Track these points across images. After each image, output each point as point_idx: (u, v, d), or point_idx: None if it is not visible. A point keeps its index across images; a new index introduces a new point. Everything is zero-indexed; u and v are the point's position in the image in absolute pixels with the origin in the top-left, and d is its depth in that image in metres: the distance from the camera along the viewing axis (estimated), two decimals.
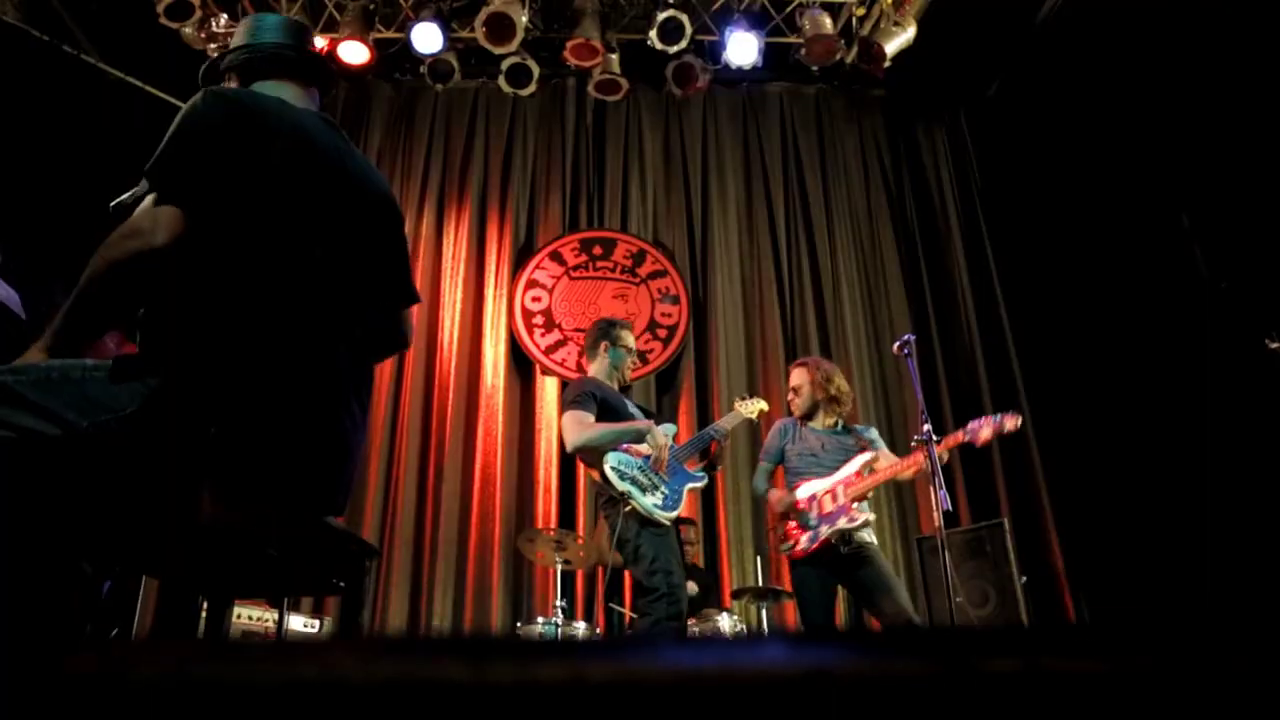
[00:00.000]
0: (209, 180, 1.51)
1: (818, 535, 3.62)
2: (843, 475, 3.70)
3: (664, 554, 3.30)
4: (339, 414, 1.59)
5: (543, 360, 6.66)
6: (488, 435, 6.35)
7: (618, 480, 3.36)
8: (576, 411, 3.49)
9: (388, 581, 5.84)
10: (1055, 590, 6.00)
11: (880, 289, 7.13)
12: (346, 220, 1.70)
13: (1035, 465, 6.34)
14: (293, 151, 1.63)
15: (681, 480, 3.54)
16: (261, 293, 1.51)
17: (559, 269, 7.00)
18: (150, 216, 1.47)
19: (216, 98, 1.61)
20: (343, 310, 1.63)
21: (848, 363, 6.74)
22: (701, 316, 7.00)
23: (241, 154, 1.55)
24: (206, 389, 1.41)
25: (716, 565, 6.16)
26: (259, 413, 1.45)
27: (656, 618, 3.18)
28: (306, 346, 1.54)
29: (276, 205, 1.57)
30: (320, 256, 1.60)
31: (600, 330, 3.96)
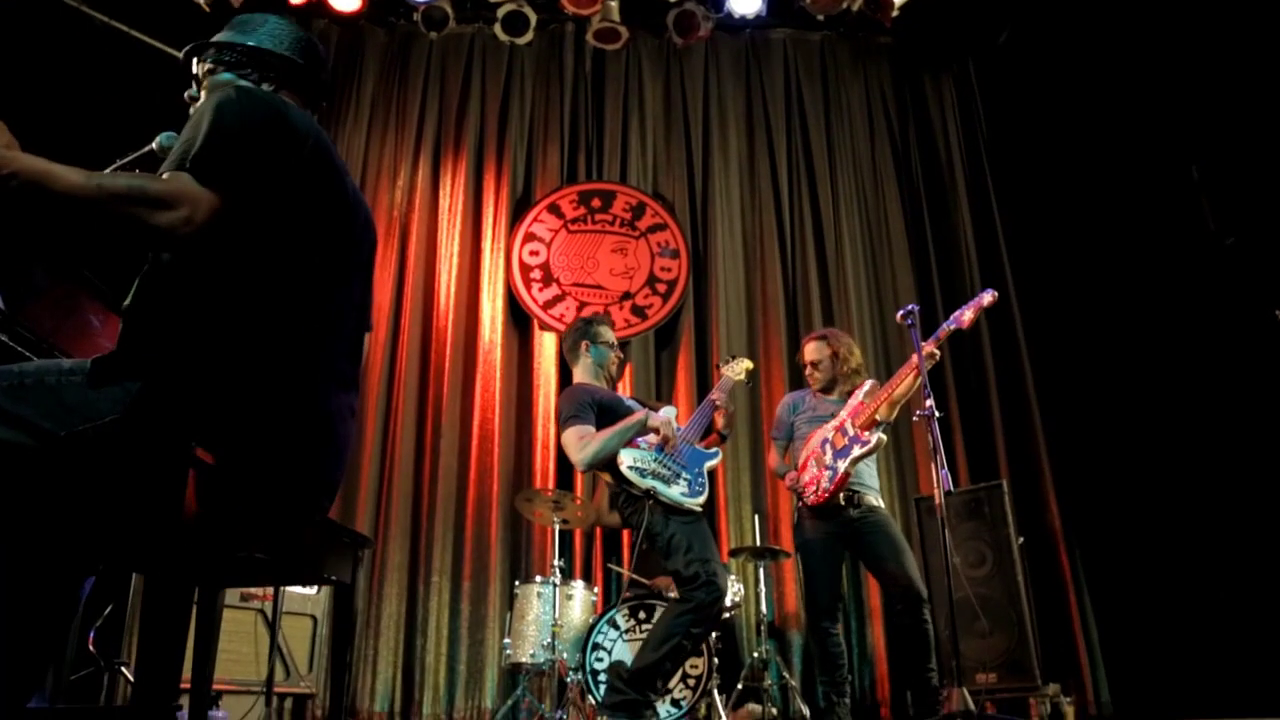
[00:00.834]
0: (244, 177, 1.45)
1: (837, 471, 3.56)
2: (847, 410, 3.66)
3: (698, 542, 3.23)
4: (332, 419, 1.54)
5: (541, 315, 6.59)
6: (485, 392, 6.31)
7: (639, 478, 3.27)
8: (576, 427, 3.39)
9: (386, 534, 5.85)
10: (1052, 550, 6.02)
11: (883, 244, 7.03)
12: (348, 238, 1.66)
13: (1036, 426, 6.32)
14: (314, 163, 1.59)
15: (699, 461, 3.46)
16: (264, 303, 1.46)
17: (557, 222, 6.89)
18: (187, 193, 1.37)
19: (252, 96, 1.55)
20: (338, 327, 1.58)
21: (849, 319, 6.68)
22: (701, 271, 6.91)
23: (273, 156, 1.50)
24: (193, 398, 1.35)
25: (714, 522, 6.17)
26: (248, 426, 1.39)
27: (698, 603, 3.12)
28: (302, 363, 1.49)
29: (294, 214, 1.53)
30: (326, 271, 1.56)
31: (578, 331, 3.83)
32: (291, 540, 1.62)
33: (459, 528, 5.97)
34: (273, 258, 1.49)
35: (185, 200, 1.37)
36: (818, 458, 3.70)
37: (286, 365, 1.47)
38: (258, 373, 1.42)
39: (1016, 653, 4.88)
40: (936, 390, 6.26)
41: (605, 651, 4.39)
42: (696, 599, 3.11)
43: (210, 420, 1.36)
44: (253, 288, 1.46)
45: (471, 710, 5.51)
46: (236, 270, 1.46)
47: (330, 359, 1.56)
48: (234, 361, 1.41)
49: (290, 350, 1.48)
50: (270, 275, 1.48)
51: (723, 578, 3.19)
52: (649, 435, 3.38)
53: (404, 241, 6.61)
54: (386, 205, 6.65)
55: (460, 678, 5.59)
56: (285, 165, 1.52)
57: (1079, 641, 5.80)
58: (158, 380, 1.35)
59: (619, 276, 6.81)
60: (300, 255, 1.53)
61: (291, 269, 1.51)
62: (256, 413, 1.41)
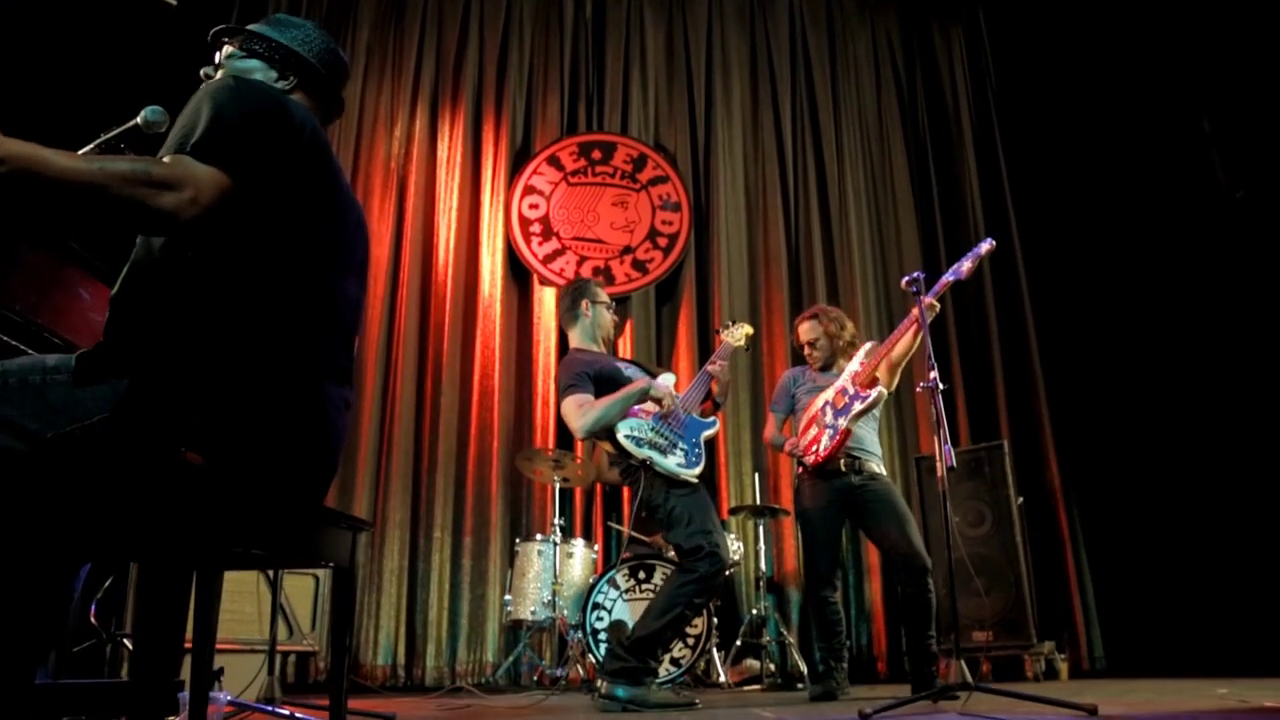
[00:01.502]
0: (246, 163, 1.41)
1: (836, 430, 3.54)
2: (849, 372, 3.62)
3: (698, 512, 3.22)
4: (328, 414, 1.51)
5: (540, 270, 6.52)
6: (485, 348, 6.27)
7: (636, 448, 3.25)
8: (575, 395, 3.34)
9: (387, 489, 5.86)
10: (1050, 508, 6.05)
11: (887, 197, 6.94)
12: (343, 235, 1.60)
13: (1037, 384, 6.30)
14: (311, 157, 1.54)
15: (696, 431, 3.42)
16: (259, 295, 1.41)
17: (557, 174, 6.78)
18: (192, 175, 1.32)
19: (252, 85, 1.51)
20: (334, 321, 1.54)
21: (851, 273, 6.62)
22: (703, 224, 6.83)
23: (271, 148, 1.46)
24: (182, 396, 1.31)
25: (714, 478, 6.18)
26: (241, 424, 1.35)
27: (701, 574, 3.12)
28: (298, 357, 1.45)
29: (291, 205, 1.48)
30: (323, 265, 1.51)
31: (577, 290, 3.72)
32: (288, 533, 1.60)
33: (459, 484, 5.98)
34: (269, 248, 1.44)
35: (189, 182, 1.32)
36: (818, 420, 3.67)
37: (282, 359, 1.43)
38: (251, 367, 1.38)
39: (1013, 611, 4.92)
40: (938, 346, 6.27)
41: (605, 611, 4.43)
42: (700, 570, 3.11)
43: (202, 418, 1.32)
44: (247, 279, 1.41)
45: (473, 664, 5.58)
46: (231, 260, 1.41)
47: (327, 353, 1.52)
48: (226, 356, 1.36)
49: (286, 344, 1.44)
50: (266, 266, 1.44)
51: (725, 547, 3.19)
52: (648, 404, 3.34)
53: (402, 194, 6.51)
54: (383, 157, 6.54)
55: (462, 631, 5.64)
56: (283, 155, 1.47)
57: (1074, 598, 5.85)
58: (146, 378, 1.31)
59: (619, 230, 6.73)
60: (296, 247, 1.48)
61: (287, 261, 1.46)
62: (250, 410, 1.37)
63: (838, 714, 2.62)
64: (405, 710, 3.16)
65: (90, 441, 1.26)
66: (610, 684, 3.04)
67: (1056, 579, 5.92)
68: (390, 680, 5.47)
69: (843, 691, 3.40)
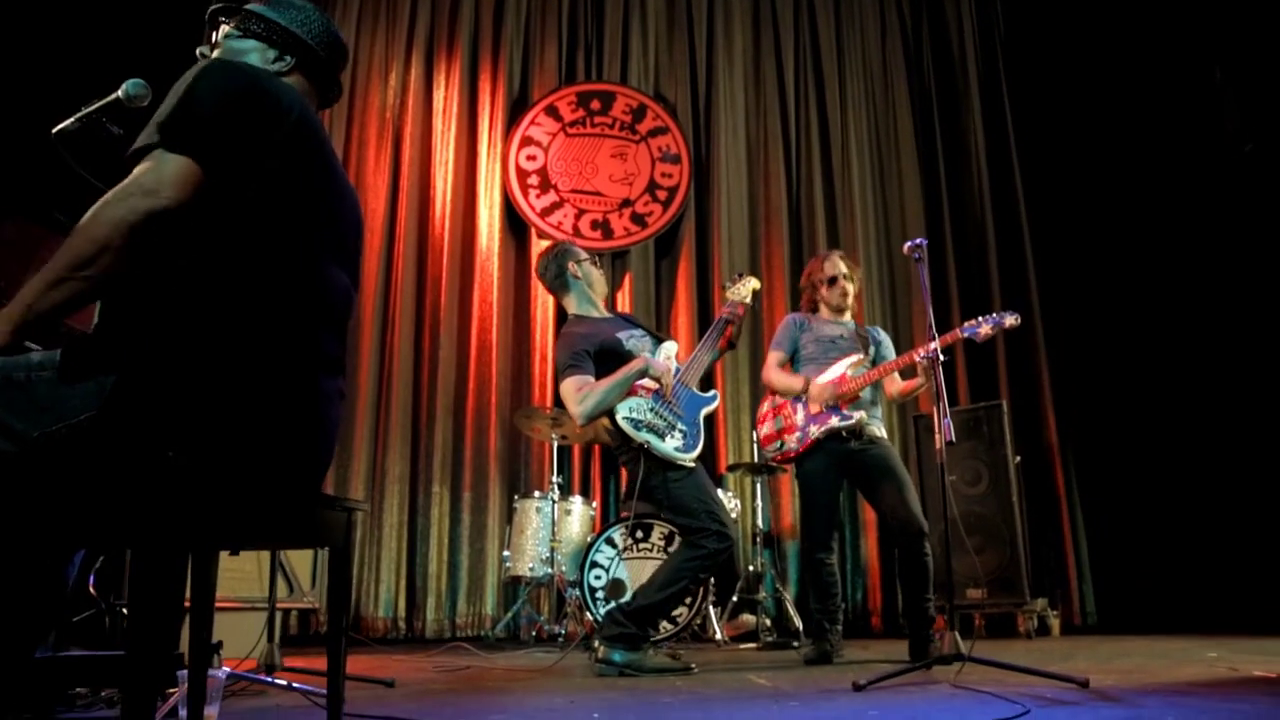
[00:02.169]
0: (220, 146, 1.37)
1: (806, 436, 3.57)
2: (832, 375, 3.62)
3: (698, 491, 3.19)
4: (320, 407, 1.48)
5: (538, 223, 6.44)
6: (483, 302, 6.23)
7: (634, 431, 3.19)
8: (574, 377, 3.26)
9: (385, 443, 5.87)
10: (1047, 465, 6.07)
11: (891, 148, 6.83)
12: (334, 219, 1.56)
13: (1038, 341, 6.27)
14: (297, 140, 1.49)
15: (695, 409, 3.35)
16: (247, 285, 1.38)
17: (555, 125, 6.66)
18: (154, 174, 1.30)
19: (233, 67, 1.48)
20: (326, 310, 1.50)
21: (853, 226, 6.55)
22: (703, 177, 6.73)
23: (252, 130, 1.42)
24: (171, 392, 1.28)
25: (712, 434, 6.19)
26: (231, 420, 1.33)
27: (709, 551, 3.12)
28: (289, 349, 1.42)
29: (278, 191, 1.44)
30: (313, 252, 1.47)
31: (556, 259, 3.56)
32: (280, 524, 1.59)
33: (458, 438, 5.99)
34: (253, 237, 1.40)
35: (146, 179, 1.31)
36: (786, 414, 3.66)
37: (271, 352, 1.40)
38: (240, 362, 1.35)
39: (1007, 570, 4.97)
40: (939, 302, 6.23)
41: (603, 569, 4.46)
42: (708, 547, 3.10)
43: (190, 415, 1.29)
44: (232, 269, 1.37)
45: (473, 616, 5.65)
46: (215, 251, 1.37)
47: (317, 344, 1.48)
48: (214, 350, 1.33)
49: (275, 336, 1.41)
50: (251, 256, 1.40)
51: (728, 524, 3.17)
52: (647, 380, 3.27)
53: (398, 145, 6.41)
54: (378, 106, 6.42)
55: (462, 584, 5.70)
56: (264, 139, 1.43)
57: (1068, 555, 5.91)
58: (132, 375, 1.28)
59: (618, 183, 6.63)
60: (283, 235, 1.44)
61: (274, 249, 1.42)
62: (240, 405, 1.34)
63: (832, 683, 2.65)
64: (404, 673, 3.19)
65: (78, 441, 1.24)
66: (608, 648, 3.07)
67: (1051, 536, 5.97)
68: (391, 632, 5.54)
69: (838, 653, 3.44)
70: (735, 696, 2.43)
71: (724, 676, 2.95)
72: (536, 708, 2.28)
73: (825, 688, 2.55)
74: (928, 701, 2.24)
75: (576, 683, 2.88)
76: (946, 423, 2.56)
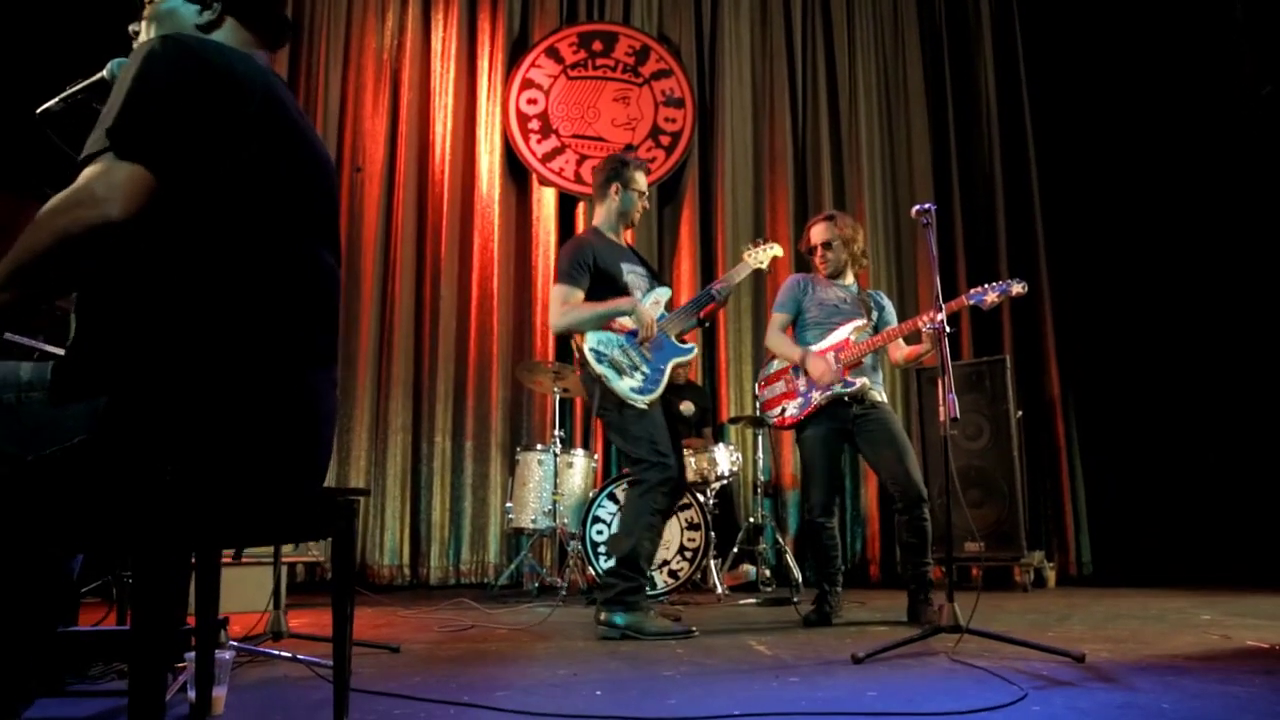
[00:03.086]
0: (177, 146, 1.28)
1: (809, 401, 3.55)
2: (834, 340, 3.59)
3: (649, 426, 3.28)
4: (316, 405, 1.46)
5: (539, 169, 6.34)
6: (484, 250, 6.17)
7: (595, 362, 3.29)
8: (564, 287, 3.36)
9: (388, 394, 5.88)
10: (1049, 417, 6.08)
11: (899, 95, 6.68)
12: (312, 199, 1.49)
13: (1043, 292, 6.22)
14: (265, 119, 1.39)
15: (666, 357, 3.40)
16: (228, 288, 1.32)
17: (556, 67, 6.50)
18: (105, 181, 1.21)
19: (182, 48, 1.33)
20: (311, 302, 1.45)
21: (859, 177, 6.45)
22: (707, 122, 6.61)
23: (213, 118, 1.31)
24: (164, 408, 1.26)
25: (714, 385, 6.20)
26: (227, 430, 1.31)
27: (648, 483, 3.22)
28: (278, 349, 1.38)
29: (249, 180, 1.35)
30: (293, 241, 1.41)
31: (612, 170, 3.59)
32: (281, 524, 1.58)
33: (460, 388, 6.00)
34: (231, 234, 1.33)
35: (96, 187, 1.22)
36: (787, 379, 3.65)
37: (263, 356, 1.36)
38: (232, 369, 1.32)
39: (1005, 524, 5.01)
40: (944, 253, 6.16)
41: (605, 525, 4.50)
42: (648, 479, 3.22)
43: (186, 430, 1.27)
44: (213, 271, 1.31)
45: (476, 564, 5.73)
46: (190, 253, 1.30)
47: (309, 338, 1.45)
48: (204, 360, 1.30)
49: (265, 338, 1.37)
50: (231, 255, 1.33)
51: (673, 455, 3.26)
52: (627, 320, 3.35)
53: (395, 89, 6.27)
54: (375, 49, 6.26)
55: (465, 533, 5.77)
56: (228, 127, 1.33)
57: (1066, 506, 5.96)
58: (124, 393, 1.25)
59: (621, 128, 6.51)
60: (263, 227, 1.37)
61: (255, 244, 1.35)
62: (234, 416, 1.32)
63: (831, 652, 2.68)
64: (409, 634, 3.24)
65: (73, 463, 1.22)
66: (609, 612, 3.11)
67: (1050, 487, 6.02)
68: (397, 579, 5.62)
69: (837, 614, 3.48)
70: (736, 668, 2.47)
71: (724, 642, 2.99)
72: (540, 680, 2.31)
73: (825, 658, 2.59)
74: (925, 679, 2.27)
75: (578, 648, 2.92)
76: (951, 398, 2.54)
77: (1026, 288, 3.32)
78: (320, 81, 6.14)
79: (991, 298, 3.27)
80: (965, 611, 2.60)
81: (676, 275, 6.33)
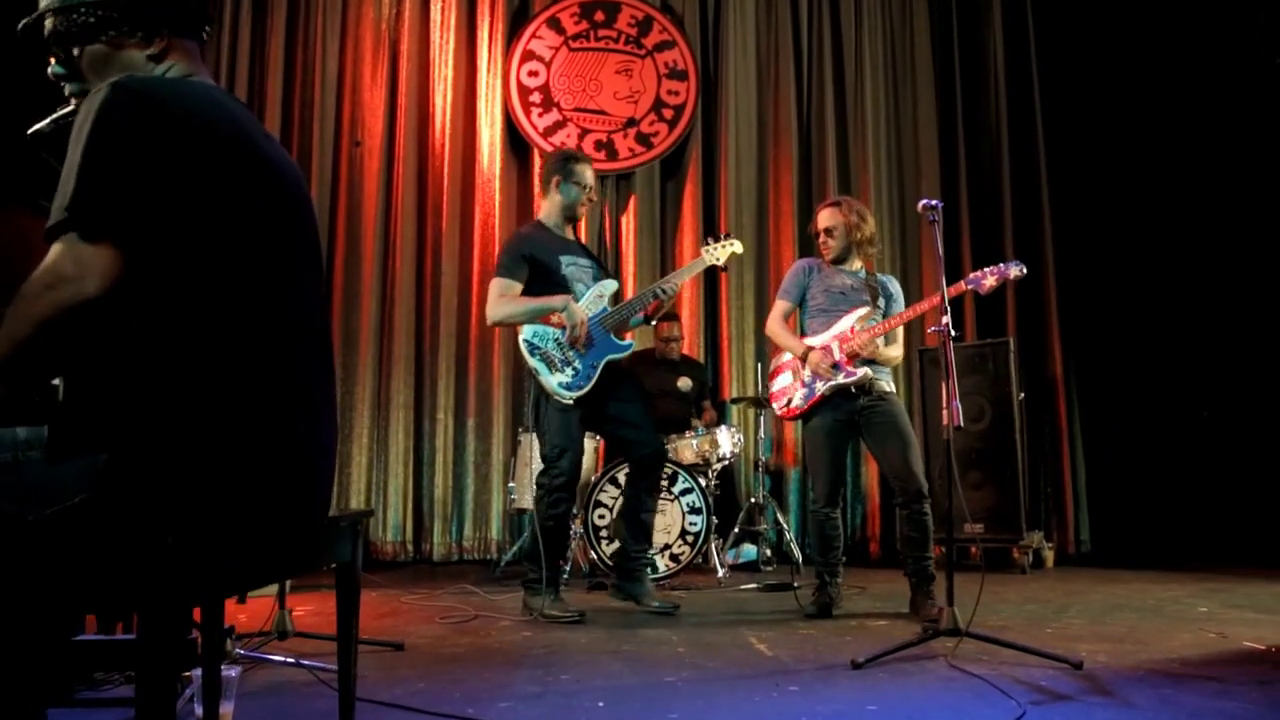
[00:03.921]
0: (143, 209, 1.23)
1: (813, 392, 3.54)
2: (838, 330, 3.57)
3: (560, 425, 3.45)
4: (314, 453, 1.45)
5: (541, 143, 6.26)
6: (485, 225, 6.12)
7: (528, 354, 3.48)
8: (501, 280, 3.51)
9: (390, 371, 5.88)
10: (1050, 397, 6.07)
11: (906, 66, 6.57)
12: (293, 233, 1.45)
13: (1048, 270, 6.18)
14: (234, 159, 1.34)
15: (600, 354, 3.51)
16: (216, 337, 1.30)
17: (557, 38, 6.39)
18: (73, 260, 1.19)
19: (137, 99, 1.26)
20: (302, 342, 1.43)
21: (864, 152, 6.37)
22: (711, 94, 6.51)
23: (178, 172, 1.26)
24: (165, 464, 1.25)
25: (716, 364, 6.19)
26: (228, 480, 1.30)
27: (543, 488, 3.48)
28: (272, 397, 1.36)
29: (222, 227, 1.31)
30: (279, 282, 1.39)
31: (554, 164, 3.75)
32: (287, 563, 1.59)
33: (461, 365, 5.99)
34: (212, 284, 1.30)
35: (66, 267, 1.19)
36: (795, 369, 3.64)
37: (255, 404, 1.34)
38: (228, 420, 1.30)
39: (1005, 506, 5.03)
40: (950, 232, 6.10)
41: (607, 509, 4.52)
42: (542, 482, 3.48)
43: (186, 488, 1.27)
44: (198, 323, 1.28)
45: (479, 541, 5.77)
46: (174, 306, 1.28)
47: (303, 379, 1.43)
48: (198, 412, 1.28)
49: (258, 385, 1.34)
50: (214, 303, 1.30)
51: (569, 461, 3.44)
52: (560, 318, 3.46)
53: (394, 61, 6.17)
54: (373, 18, 6.16)
55: (468, 509, 5.81)
56: (196, 174, 1.28)
57: (1066, 484, 5.98)
58: (122, 452, 1.24)
59: (623, 101, 6.41)
60: (243, 273, 1.34)
61: (238, 292, 1.33)
62: (234, 467, 1.31)
63: (832, 654, 2.71)
64: (412, 625, 3.27)
65: (73, 524, 1.21)
66: (525, 592, 3.52)
67: (1050, 466, 6.03)
68: (400, 555, 5.67)
69: (837, 605, 3.51)
70: (737, 672, 2.50)
71: (725, 639, 3.01)
72: (543, 687, 2.33)
73: (825, 662, 2.61)
74: (925, 688, 2.29)
75: (580, 646, 2.95)
76: (955, 405, 2.53)
77: (1025, 271, 3.32)
78: (317, 53, 6.04)
79: (989, 282, 3.28)
80: (967, 606, 2.60)
81: (679, 250, 6.29)
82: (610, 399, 3.54)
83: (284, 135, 5.95)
